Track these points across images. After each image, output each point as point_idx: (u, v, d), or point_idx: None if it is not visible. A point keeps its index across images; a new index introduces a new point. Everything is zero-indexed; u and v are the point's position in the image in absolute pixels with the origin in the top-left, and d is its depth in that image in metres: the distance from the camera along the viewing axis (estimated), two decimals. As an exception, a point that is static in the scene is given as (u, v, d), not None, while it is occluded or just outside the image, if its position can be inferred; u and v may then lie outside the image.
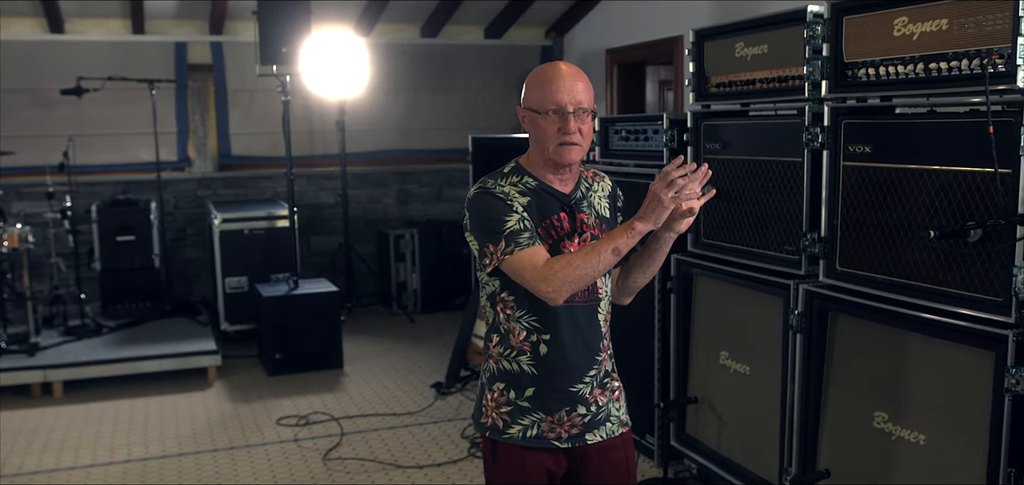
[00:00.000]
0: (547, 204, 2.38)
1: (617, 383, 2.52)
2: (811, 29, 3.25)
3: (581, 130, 2.33)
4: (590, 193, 2.47)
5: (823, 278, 3.33)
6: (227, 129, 8.02)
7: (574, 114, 2.31)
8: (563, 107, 2.31)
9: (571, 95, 2.32)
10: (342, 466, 4.61)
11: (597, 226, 2.43)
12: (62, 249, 7.04)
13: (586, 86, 2.36)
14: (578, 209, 2.42)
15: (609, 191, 2.53)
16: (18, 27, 7.37)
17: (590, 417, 2.42)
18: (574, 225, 2.40)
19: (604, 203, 2.49)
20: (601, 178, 2.54)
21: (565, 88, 2.32)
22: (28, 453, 4.83)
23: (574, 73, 2.36)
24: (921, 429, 2.91)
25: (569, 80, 2.33)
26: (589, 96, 2.36)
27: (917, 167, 2.91)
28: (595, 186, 2.50)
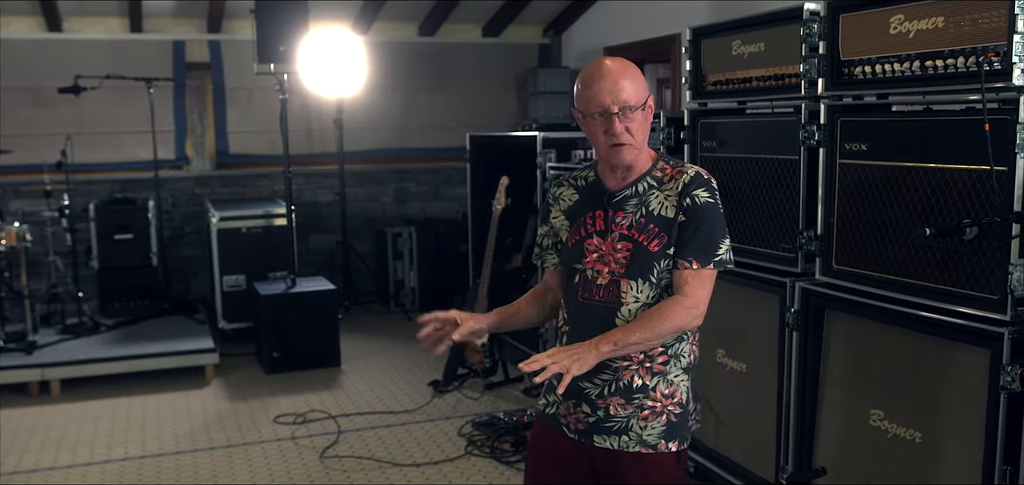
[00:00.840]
0: (589, 203, 2.43)
1: (651, 403, 2.35)
2: (807, 27, 3.25)
3: (629, 129, 2.29)
4: (649, 192, 2.36)
5: (819, 276, 3.33)
6: (225, 128, 8.02)
7: (619, 114, 2.26)
8: (607, 108, 2.27)
9: (614, 95, 2.26)
10: (339, 464, 4.62)
11: (639, 228, 2.33)
12: (60, 247, 7.03)
13: (633, 82, 2.29)
14: (618, 208, 2.37)
15: (681, 188, 2.33)
16: (16, 25, 7.37)
17: (597, 420, 2.37)
18: (608, 224, 2.38)
19: (669, 202, 2.33)
20: (682, 173, 2.36)
21: (607, 88, 2.27)
22: (26, 451, 4.83)
23: (619, 70, 2.29)
24: (917, 427, 2.92)
25: (611, 79, 2.27)
26: (637, 92, 2.28)
27: (913, 165, 2.91)
28: (667, 185, 2.36)
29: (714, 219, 2.32)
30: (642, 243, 2.32)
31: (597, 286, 2.36)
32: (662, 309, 2.27)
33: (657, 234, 2.32)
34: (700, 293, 2.30)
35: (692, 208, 2.30)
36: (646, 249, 2.32)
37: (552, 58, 8.80)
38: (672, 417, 2.37)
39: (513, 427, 4.88)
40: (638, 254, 2.33)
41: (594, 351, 2.21)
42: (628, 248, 2.34)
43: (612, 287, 2.34)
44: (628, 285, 2.33)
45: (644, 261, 2.32)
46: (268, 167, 8.11)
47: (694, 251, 2.30)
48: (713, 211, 2.32)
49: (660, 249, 2.31)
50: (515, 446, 4.70)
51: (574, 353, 2.20)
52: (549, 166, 5.78)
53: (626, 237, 2.34)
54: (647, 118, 2.33)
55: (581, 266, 2.40)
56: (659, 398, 2.36)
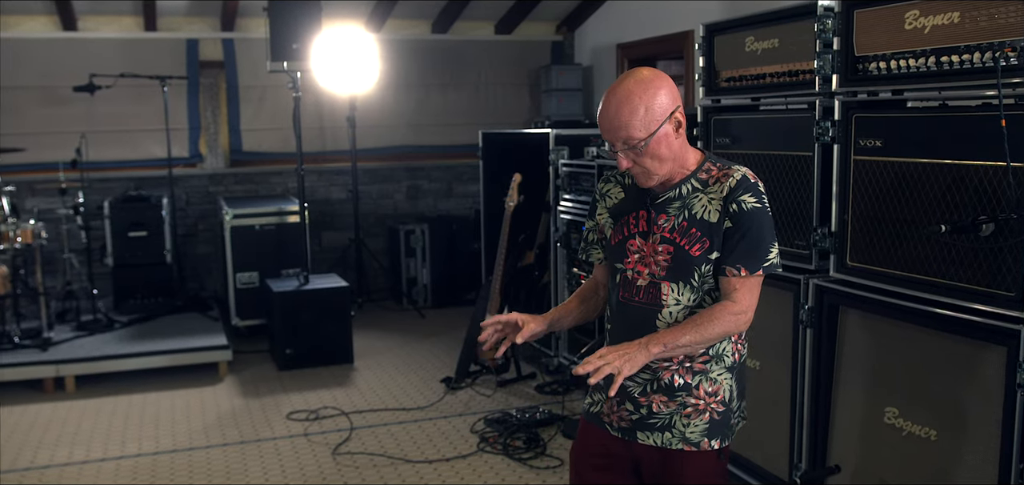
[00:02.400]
0: (634, 202, 2.42)
1: (694, 401, 2.36)
2: (822, 23, 3.23)
3: (639, 162, 2.27)
4: (693, 195, 2.32)
5: (833, 273, 3.32)
6: (238, 125, 8.04)
7: (623, 152, 2.26)
8: (611, 144, 2.29)
9: (613, 133, 2.26)
10: (352, 460, 4.62)
11: (681, 232, 2.30)
12: (75, 245, 7.07)
13: (633, 114, 2.22)
14: (660, 210, 2.35)
15: (726, 192, 2.29)
16: (31, 25, 7.41)
17: (640, 418, 2.39)
18: (650, 226, 2.36)
19: (713, 206, 2.30)
20: (728, 177, 2.31)
21: (607, 125, 2.27)
22: (40, 447, 4.85)
23: (619, 102, 2.24)
24: (932, 425, 2.90)
25: (610, 115, 2.25)
26: (643, 124, 2.22)
27: (928, 161, 2.90)
28: (712, 187, 2.32)
29: (762, 224, 2.29)
30: (683, 247, 2.30)
31: (637, 287, 2.37)
32: (712, 313, 2.27)
33: (699, 239, 2.29)
34: (748, 299, 2.30)
35: (738, 214, 2.27)
36: (687, 253, 2.30)
37: (565, 55, 8.79)
38: (715, 415, 2.37)
39: (526, 424, 4.88)
40: (679, 258, 2.31)
41: (644, 351, 2.22)
42: (669, 251, 2.32)
43: (652, 289, 2.35)
44: (669, 288, 2.33)
45: (685, 265, 2.31)
46: (281, 164, 8.13)
47: (742, 258, 2.27)
48: (761, 216, 2.29)
49: (701, 254, 2.29)
50: (528, 443, 4.69)
51: (625, 353, 2.20)
52: (562, 163, 5.77)
53: (667, 240, 2.32)
54: (669, 136, 2.27)
55: (622, 266, 2.41)
56: (702, 396, 2.36)
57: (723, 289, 2.31)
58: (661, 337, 2.25)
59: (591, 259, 2.60)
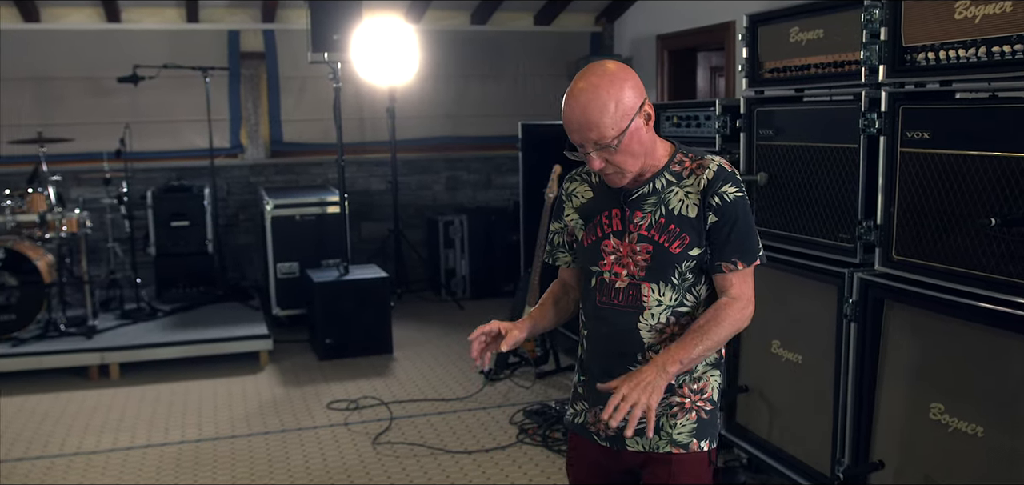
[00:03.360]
0: (605, 200, 2.29)
1: (679, 399, 2.27)
2: (869, 13, 3.18)
3: (611, 161, 2.14)
4: (668, 189, 2.22)
5: (879, 267, 3.27)
6: (279, 116, 8.11)
7: (595, 153, 2.13)
8: (579, 145, 2.15)
9: (582, 135, 2.12)
10: (391, 450, 4.65)
11: (659, 229, 2.20)
12: (119, 234, 7.16)
13: (600, 117, 2.08)
14: (635, 207, 2.23)
15: (704, 185, 2.19)
16: (76, 16, 7.52)
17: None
18: (625, 224, 2.24)
19: (690, 201, 2.20)
20: (703, 168, 2.21)
21: (573, 126, 2.12)
22: (86, 433, 4.93)
23: (585, 103, 2.09)
24: (979, 421, 2.85)
25: (575, 117, 2.11)
26: (611, 124, 2.08)
27: (978, 154, 2.84)
28: (687, 180, 2.21)
29: (747, 213, 2.21)
30: (663, 245, 2.20)
31: (616, 289, 2.25)
32: (717, 316, 2.19)
33: (678, 235, 2.19)
34: (747, 290, 2.23)
35: (722, 206, 2.17)
36: (667, 251, 2.19)
37: (604, 46, 8.75)
38: (702, 414, 2.28)
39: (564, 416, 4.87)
40: (659, 256, 2.20)
41: (664, 374, 2.11)
42: (648, 250, 2.21)
43: (632, 290, 2.23)
44: (650, 289, 2.22)
45: (665, 263, 2.20)
46: (321, 155, 8.19)
47: (736, 251, 2.20)
48: (744, 205, 2.20)
49: (682, 251, 2.19)
50: (566, 435, 4.68)
51: (646, 384, 2.08)
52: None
53: (645, 238, 2.21)
54: (640, 130, 2.14)
55: (598, 268, 2.29)
56: (687, 394, 2.27)
57: (719, 286, 2.23)
58: (676, 354, 2.13)
59: (558, 263, 2.49)
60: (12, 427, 5.02)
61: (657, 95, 7.75)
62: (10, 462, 4.54)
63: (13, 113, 7.33)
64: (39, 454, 4.64)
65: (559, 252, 2.48)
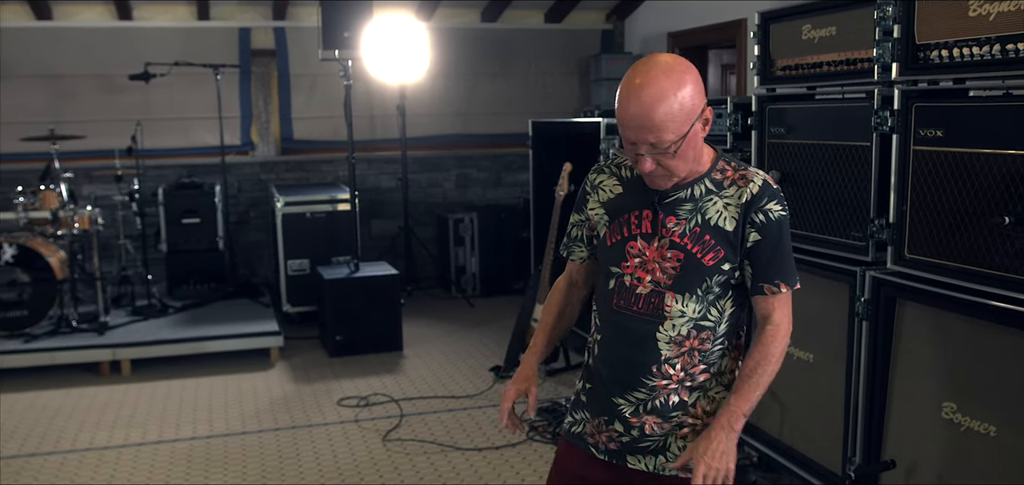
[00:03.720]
0: (636, 199, 2.16)
1: (691, 420, 2.18)
2: (882, 10, 3.17)
3: (662, 163, 2.02)
4: (706, 197, 2.10)
5: (891, 265, 3.26)
6: (289, 114, 8.12)
7: (649, 154, 2.00)
8: (634, 144, 2.01)
9: (640, 134, 1.97)
10: (401, 447, 4.65)
11: (693, 238, 2.08)
12: (130, 231, 7.19)
13: (665, 119, 1.94)
14: (669, 211, 2.11)
15: (747, 200, 2.07)
16: (88, 14, 7.54)
17: (631, 440, 2.20)
18: (656, 228, 2.12)
19: (728, 213, 2.09)
20: (747, 182, 2.09)
21: (633, 123, 1.97)
22: (98, 428, 4.95)
23: (651, 101, 1.94)
24: (992, 420, 2.84)
25: (638, 113, 1.95)
26: (674, 127, 1.95)
27: (991, 152, 2.83)
28: (727, 190, 2.10)
29: (788, 234, 2.12)
30: (695, 255, 2.08)
31: (636, 295, 2.14)
32: (767, 353, 2.12)
33: (713, 247, 2.08)
34: (787, 315, 2.17)
35: (767, 225, 2.07)
36: (699, 261, 2.08)
37: (615, 44, 8.74)
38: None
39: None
40: (689, 266, 2.08)
41: (732, 435, 2.06)
42: (679, 258, 2.09)
43: (655, 298, 2.11)
44: (673, 298, 2.10)
45: (695, 274, 2.09)
46: (332, 153, 8.20)
47: (779, 273, 2.12)
48: (787, 225, 2.11)
49: (715, 264, 2.08)
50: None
51: (721, 452, 2.03)
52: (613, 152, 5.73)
53: (677, 246, 2.09)
54: (698, 135, 2.03)
55: (619, 270, 2.17)
56: (699, 415, 2.18)
57: (760, 309, 2.15)
58: (738, 407, 2.08)
59: (573, 257, 2.37)
60: (24, 423, 5.04)
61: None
62: (22, 457, 4.56)
63: (25, 110, 7.35)
64: (51, 450, 4.66)
65: (575, 246, 2.36)
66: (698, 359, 2.15)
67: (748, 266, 2.12)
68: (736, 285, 2.16)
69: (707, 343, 2.15)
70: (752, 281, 2.13)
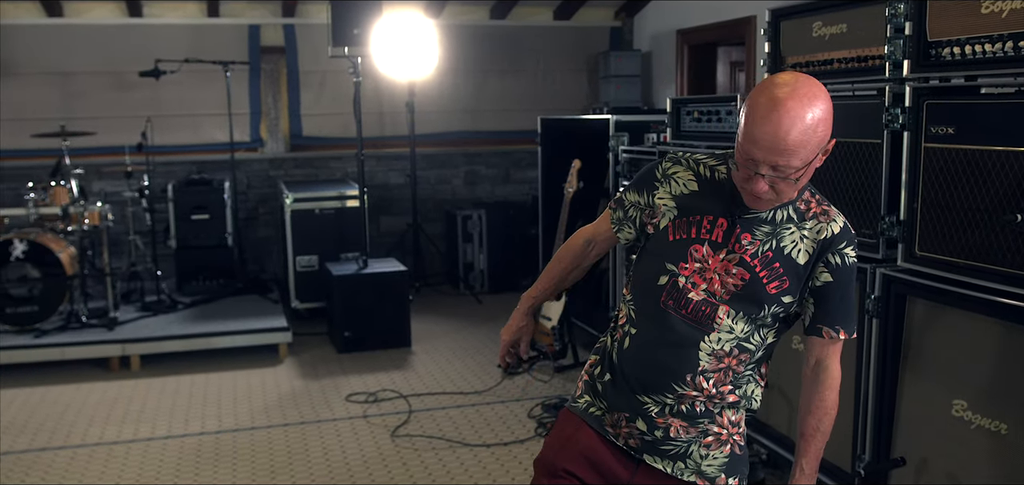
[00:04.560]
0: (711, 203, 2.09)
1: (717, 430, 2.16)
2: (893, 7, 3.16)
3: (776, 188, 1.93)
4: (785, 225, 2.04)
5: (901, 262, 3.25)
6: (299, 110, 8.13)
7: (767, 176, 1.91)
8: (757, 164, 1.90)
9: (770, 155, 1.87)
10: (410, 443, 4.66)
11: (763, 261, 2.03)
12: (140, 227, 7.21)
13: (799, 147, 1.85)
14: (747, 228, 2.04)
15: (826, 237, 2.04)
16: (99, 11, 7.56)
17: (653, 440, 2.16)
18: (727, 240, 2.05)
19: (804, 246, 2.04)
20: (829, 220, 2.05)
21: (766, 145, 1.86)
22: (107, 423, 4.96)
23: (789, 124, 1.84)
24: (1002, 418, 2.83)
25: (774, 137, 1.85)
26: (804, 155, 1.87)
27: (1003, 149, 2.82)
28: (807, 222, 2.05)
29: (854, 281, 2.13)
30: (761, 279, 2.03)
31: (688, 299, 2.06)
32: (827, 405, 2.16)
33: (780, 275, 2.04)
34: (838, 362, 2.16)
35: (841, 269, 2.05)
36: (763, 287, 2.04)
37: (623, 41, 8.73)
38: (736, 448, 2.18)
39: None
40: (752, 288, 2.04)
41: None
42: (744, 277, 2.03)
43: (706, 307, 2.05)
44: (727, 313, 2.05)
45: (754, 297, 2.04)
46: (341, 149, 8.21)
47: (841, 319, 2.10)
48: (855, 272, 2.11)
49: (777, 293, 2.04)
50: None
51: None
52: (622, 149, 5.74)
53: (746, 265, 2.03)
54: (811, 168, 1.95)
55: (675, 269, 2.08)
56: (726, 425, 2.16)
57: (815, 351, 2.13)
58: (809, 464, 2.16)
59: (620, 234, 2.26)
60: (35, 417, 5.06)
61: (677, 90, 7.73)
62: (33, 452, 4.58)
63: (36, 107, 7.38)
64: (61, 445, 4.68)
65: (627, 224, 2.24)
66: (730, 378, 2.13)
67: (812, 305, 2.11)
68: (784, 318, 2.14)
69: (742, 366, 2.13)
70: (812, 321, 2.12)
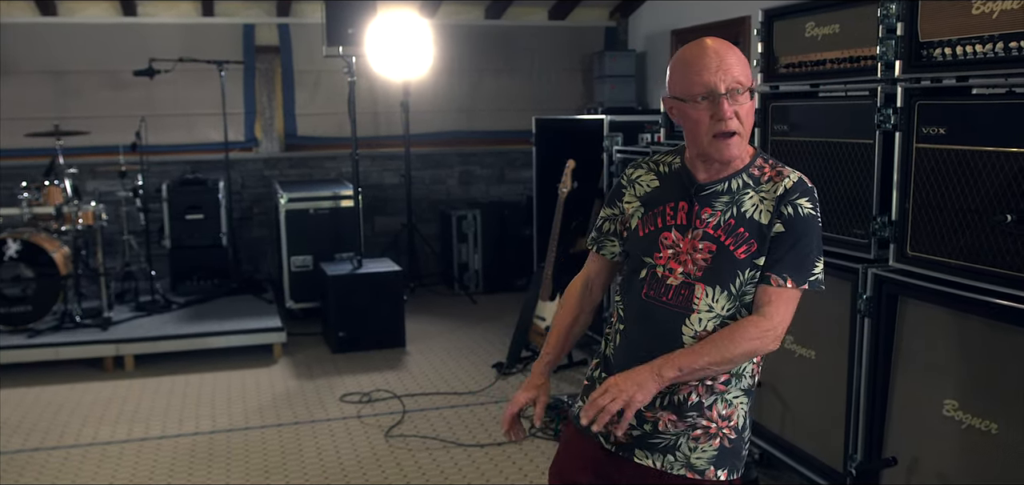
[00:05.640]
0: (670, 192, 2.18)
1: (706, 423, 2.14)
2: (885, 8, 3.17)
3: (738, 114, 2.05)
4: (743, 191, 2.11)
5: (893, 262, 3.26)
6: (293, 110, 8.14)
7: (727, 95, 2.02)
8: (714, 88, 2.02)
9: (722, 73, 2.02)
10: (404, 443, 4.66)
11: (727, 230, 2.09)
12: (134, 227, 7.20)
13: (739, 59, 2.05)
14: (705, 203, 2.12)
15: (779, 195, 2.08)
16: (93, 10, 7.56)
17: (643, 434, 2.16)
18: (691, 219, 2.12)
19: (764, 206, 2.09)
20: (783, 177, 2.11)
21: (713, 65, 2.03)
22: (101, 424, 4.96)
23: (723, 47, 2.05)
24: (993, 418, 2.84)
25: (717, 56, 2.03)
26: (745, 71, 2.05)
27: (994, 149, 2.83)
28: (764, 185, 2.11)
29: (814, 234, 2.09)
30: (728, 247, 2.07)
31: (667, 286, 2.11)
32: (735, 332, 2.06)
33: (746, 240, 2.07)
34: (783, 314, 2.08)
35: (793, 219, 2.06)
36: (731, 254, 2.07)
37: (618, 41, 8.74)
38: (726, 442, 2.16)
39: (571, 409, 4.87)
40: (721, 258, 2.08)
41: (656, 377, 2.03)
42: (711, 250, 2.08)
43: (684, 290, 2.09)
44: (703, 291, 2.08)
45: (726, 267, 2.07)
46: (335, 149, 8.21)
47: (789, 267, 2.07)
48: (814, 225, 2.09)
49: (747, 257, 2.07)
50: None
51: (634, 380, 2.01)
52: (616, 149, 5.75)
53: (710, 237, 2.09)
54: (753, 106, 2.10)
55: (652, 261, 2.15)
56: (715, 419, 2.14)
57: (758, 298, 2.09)
58: (676, 360, 2.03)
59: (603, 252, 2.33)
60: (28, 417, 5.06)
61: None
62: (26, 452, 4.58)
63: (30, 106, 7.37)
64: (55, 444, 4.68)
65: (607, 240, 2.32)
66: None
67: (766, 255, 2.08)
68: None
69: None
70: (763, 270, 2.08)
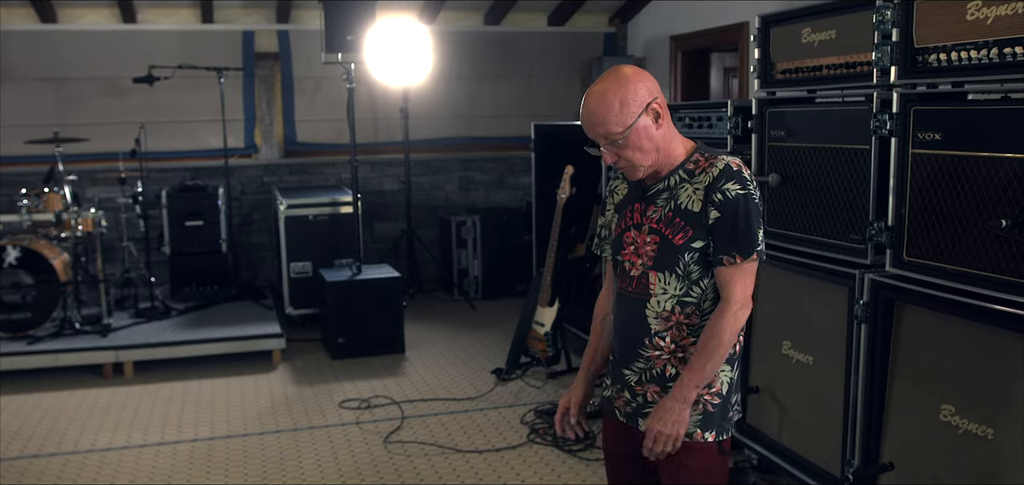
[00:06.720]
0: (631, 197, 2.47)
1: None
2: (880, 14, 3.18)
3: (623, 155, 2.31)
4: (680, 186, 2.35)
5: (889, 268, 3.26)
6: (293, 116, 8.14)
7: (606, 148, 2.31)
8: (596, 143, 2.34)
9: (593, 131, 2.31)
10: (402, 449, 4.66)
11: (666, 222, 2.34)
12: (133, 233, 7.21)
13: (606, 115, 2.26)
14: (650, 202, 2.40)
15: (709, 182, 2.29)
16: (93, 17, 7.57)
17: (637, 406, 2.46)
18: (642, 218, 2.41)
19: (696, 196, 2.31)
20: (712, 166, 2.32)
21: (587, 124, 2.32)
22: (100, 430, 4.96)
23: (595, 102, 2.29)
24: (989, 423, 2.84)
25: (587, 115, 2.31)
26: (618, 119, 2.26)
27: (990, 155, 2.83)
28: (697, 177, 2.33)
29: (749, 209, 2.28)
30: (667, 237, 2.34)
31: (631, 277, 2.41)
32: (714, 328, 2.30)
33: (682, 228, 2.32)
34: (743, 288, 2.31)
35: (723, 202, 2.27)
36: (670, 242, 2.33)
37: (617, 47, 8.75)
38: (709, 407, 2.38)
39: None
40: (663, 247, 2.34)
41: (682, 404, 2.31)
42: (656, 242, 2.36)
43: (643, 279, 2.38)
44: (656, 277, 2.36)
45: (669, 254, 2.33)
46: (335, 155, 8.22)
47: (734, 245, 2.28)
48: (745, 201, 2.28)
49: (684, 243, 2.31)
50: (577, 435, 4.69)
51: (672, 420, 2.31)
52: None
53: (654, 231, 2.36)
54: (648, 127, 2.29)
55: (621, 257, 2.47)
56: None
57: (719, 282, 2.33)
58: (690, 380, 2.30)
59: (603, 254, 2.64)
60: (28, 424, 5.06)
61: (671, 96, 7.75)
62: (25, 458, 4.58)
63: (29, 113, 7.38)
64: (54, 451, 4.68)
65: (605, 244, 2.62)
66: (687, 332, 2.37)
67: (711, 243, 2.32)
68: (708, 262, 2.35)
69: (694, 317, 2.37)
70: (714, 256, 2.32)
